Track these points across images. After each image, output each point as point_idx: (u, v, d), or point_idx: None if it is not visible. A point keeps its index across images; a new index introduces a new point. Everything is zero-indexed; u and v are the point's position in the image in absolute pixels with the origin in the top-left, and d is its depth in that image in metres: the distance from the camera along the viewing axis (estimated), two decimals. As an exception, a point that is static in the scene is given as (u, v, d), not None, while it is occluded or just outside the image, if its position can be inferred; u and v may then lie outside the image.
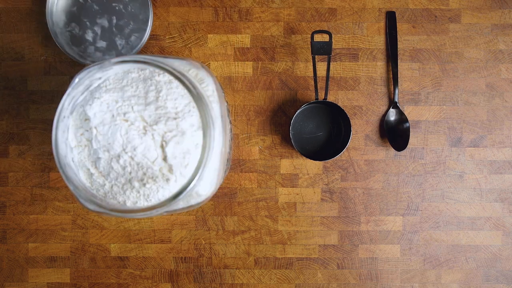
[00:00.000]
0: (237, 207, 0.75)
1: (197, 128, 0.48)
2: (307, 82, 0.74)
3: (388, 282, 0.75)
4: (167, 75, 0.49)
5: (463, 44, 0.74)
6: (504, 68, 0.74)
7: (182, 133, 0.48)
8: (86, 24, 0.70)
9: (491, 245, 0.75)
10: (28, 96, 0.74)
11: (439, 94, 0.74)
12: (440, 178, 0.74)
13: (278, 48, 0.74)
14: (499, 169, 0.74)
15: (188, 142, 0.48)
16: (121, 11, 0.70)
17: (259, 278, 0.75)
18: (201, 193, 0.50)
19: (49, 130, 0.74)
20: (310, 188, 0.74)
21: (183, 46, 0.74)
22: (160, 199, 0.48)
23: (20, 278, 0.75)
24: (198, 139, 0.48)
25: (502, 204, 0.75)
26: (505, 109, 0.74)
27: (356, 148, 0.74)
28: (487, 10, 0.74)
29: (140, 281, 0.75)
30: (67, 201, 0.74)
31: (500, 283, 0.75)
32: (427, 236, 0.75)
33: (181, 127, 0.48)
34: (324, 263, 0.75)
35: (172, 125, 0.48)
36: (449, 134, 0.74)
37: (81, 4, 0.70)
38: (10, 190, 0.74)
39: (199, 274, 0.75)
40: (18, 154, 0.74)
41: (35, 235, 0.74)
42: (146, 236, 0.74)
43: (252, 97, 0.74)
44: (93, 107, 0.48)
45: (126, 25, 0.70)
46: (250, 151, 0.74)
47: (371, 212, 0.75)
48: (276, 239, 0.75)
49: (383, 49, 0.74)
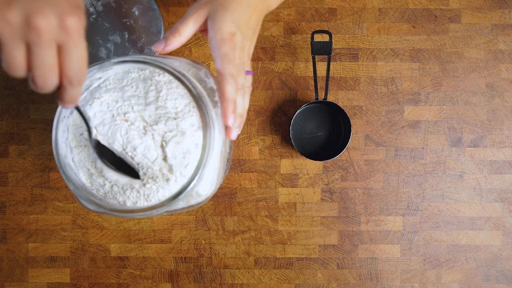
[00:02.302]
0: (237, 207, 0.75)
1: (197, 128, 0.48)
2: (307, 82, 0.74)
3: (388, 282, 0.75)
4: (167, 75, 0.49)
5: (463, 44, 0.74)
6: (504, 68, 0.74)
7: (182, 133, 0.48)
8: (99, 42, 0.71)
9: (491, 245, 0.75)
10: (28, 96, 0.74)
11: (439, 94, 0.74)
12: (440, 178, 0.74)
13: (278, 48, 0.74)
14: (499, 169, 0.74)
15: (188, 142, 0.48)
16: (132, 25, 0.70)
17: (259, 278, 0.75)
18: (201, 193, 0.50)
19: (49, 130, 0.74)
20: (310, 188, 0.74)
21: (183, 46, 0.74)
22: (160, 199, 0.48)
23: (20, 278, 0.75)
24: (198, 139, 0.48)
25: (502, 204, 0.75)
26: (505, 109, 0.74)
27: (356, 148, 0.74)
28: (487, 10, 0.74)
29: (140, 281, 0.75)
30: (67, 201, 0.74)
31: (500, 283, 0.75)
32: (427, 236, 0.75)
33: (181, 127, 0.48)
34: (324, 263, 0.75)
35: (172, 125, 0.48)
36: (449, 134, 0.74)
37: (92, 23, 0.71)
38: (10, 190, 0.74)
39: (199, 274, 0.75)
40: (18, 154, 0.74)
41: (35, 235, 0.74)
42: (146, 236, 0.74)
43: (252, 97, 0.74)
44: (93, 107, 0.48)
45: (139, 39, 0.70)
46: (250, 151, 0.74)
47: (371, 212, 0.75)
48: (276, 239, 0.75)
49: (383, 49, 0.74)
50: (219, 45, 0.47)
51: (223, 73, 0.47)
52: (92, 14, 0.72)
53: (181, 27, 0.49)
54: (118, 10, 0.71)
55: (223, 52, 0.47)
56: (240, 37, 0.49)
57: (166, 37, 0.49)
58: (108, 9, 0.72)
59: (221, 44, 0.47)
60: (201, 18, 0.49)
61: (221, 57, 0.47)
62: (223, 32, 0.47)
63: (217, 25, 0.47)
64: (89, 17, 0.72)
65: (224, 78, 0.47)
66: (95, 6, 0.72)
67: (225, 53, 0.47)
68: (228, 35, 0.47)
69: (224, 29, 0.47)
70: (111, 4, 0.72)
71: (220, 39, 0.47)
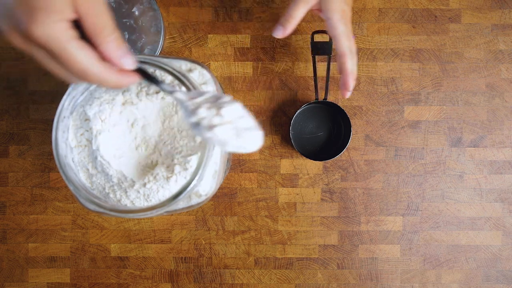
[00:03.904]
0: (237, 207, 0.75)
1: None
2: (307, 82, 0.74)
3: (388, 282, 0.75)
4: (168, 75, 0.49)
5: (463, 44, 0.74)
6: (504, 68, 0.74)
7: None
8: None
9: (491, 245, 0.75)
10: (28, 96, 0.74)
11: (439, 94, 0.74)
12: (440, 178, 0.74)
13: (278, 48, 0.74)
14: (499, 169, 0.74)
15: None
16: (132, 26, 0.71)
17: (259, 278, 0.75)
18: (201, 193, 0.50)
19: (49, 130, 0.74)
20: (310, 188, 0.74)
21: (183, 46, 0.74)
22: (160, 199, 0.48)
23: (20, 278, 0.75)
24: (198, 139, 0.48)
25: (502, 204, 0.75)
26: (505, 109, 0.74)
27: (356, 148, 0.74)
28: (487, 10, 0.74)
29: (140, 281, 0.75)
30: (67, 201, 0.74)
31: (500, 283, 0.75)
32: (427, 236, 0.75)
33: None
34: (324, 263, 0.75)
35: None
36: (449, 134, 0.74)
37: None
38: (10, 190, 0.74)
39: (199, 274, 0.75)
40: (18, 154, 0.74)
41: (35, 235, 0.74)
42: (146, 236, 0.74)
43: (252, 97, 0.74)
44: (93, 107, 0.48)
45: (139, 39, 0.70)
46: (250, 151, 0.74)
47: (371, 212, 0.75)
48: (276, 239, 0.75)
49: (383, 49, 0.74)
50: (336, 25, 0.55)
51: (343, 50, 0.56)
52: (92, 14, 0.72)
53: (293, 12, 0.56)
54: (118, 10, 0.71)
55: (341, 31, 0.55)
56: (348, 11, 0.55)
57: (282, 24, 0.57)
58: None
59: (338, 24, 0.55)
60: (311, 3, 0.55)
61: (339, 35, 0.55)
62: (338, 11, 0.54)
63: (332, 5, 0.54)
64: None
65: (345, 55, 0.56)
66: (95, 6, 0.72)
67: (342, 32, 0.55)
68: (342, 13, 0.55)
69: (339, 8, 0.54)
70: (111, 4, 0.72)
71: (337, 19, 0.54)
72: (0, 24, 0.31)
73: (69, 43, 0.32)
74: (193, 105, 0.38)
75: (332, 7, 0.54)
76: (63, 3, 0.31)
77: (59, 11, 0.31)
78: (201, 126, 0.37)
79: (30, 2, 0.30)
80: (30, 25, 0.30)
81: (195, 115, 0.38)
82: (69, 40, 0.32)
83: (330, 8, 0.54)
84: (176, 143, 0.47)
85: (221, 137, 0.38)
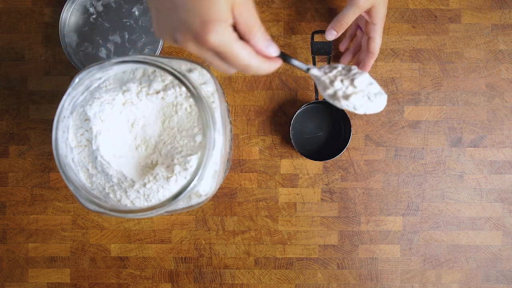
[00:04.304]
0: (237, 207, 0.75)
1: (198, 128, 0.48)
2: (307, 82, 0.74)
3: (388, 282, 0.75)
4: (168, 75, 0.49)
5: (463, 44, 0.74)
6: (504, 68, 0.74)
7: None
8: (99, 42, 0.71)
9: (491, 245, 0.75)
10: (28, 96, 0.74)
11: (439, 94, 0.74)
12: (440, 178, 0.74)
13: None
14: (499, 169, 0.74)
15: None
16: (132, 26, 0.71)
17: (259, 278, 0.75)
18: (201, 193, 0.50)
19: (49, 130, 0.74)
20: (310, 188, 0.74)
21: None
22: (160, 199, 0.48)
23: (20, 278, 0.75)
24: (198, 139, 0.48)
25: (502, 204, 0.75)
26: (505, 109, 0.74)
27: (356, 148, 0.74)
28: (487, 10, 0.74)
29: (140, 281, 0.75)
30: (67, 201, 0.74)
31: (500, 283, 0.75)
32: (427, 236, 0.75)
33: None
34: (324, 263, 0.75)
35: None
36: (449, 134, 0.74)
37: (92, 23, 0.71)
38: (10, 190, 0.74)
39: (199, 274, 0.75)
40: (18, 154, 0.74)
41: (35, 235, 0.74)
42: (146, 236, 0.74)
43: (252, 97, 0.74)
44: (93, 107, 0.48)
45: (139, 39, 0.70)
46: (250, 151, 0.74)
47: (371, 212, 0.75)
48: (276, 239, 0.75)
49: (383, 49, 0.74)
50: (380, 31, 0.63)
51: (376, 50, 0.65)
52: (92, 14, 0.72)
53: (345, 18, 0.62)
54: (118, 10, 0.71)
55: (379, 34, 0.64)
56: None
57: (335, 29, 0.64)
58: (108, 9, 0.72)
59: (381, 29, 0.63)
60: (363, 9, 0.61)
61: (378, 39, 0.64)
62: (383, 19, 0.63)
63: (382, 14, 0.62)
64: (89, 17, 0.72)
65: (375, 55, 0.65)
66: (95, 6, 0.72)
67: (380, 35, 0.64)
68: (384, 19, 0.63)
69: (384, 16, 0.63)
70: (111, 4, 0.72)
71: (381, 26, 0.63)
72: (176, 36, 0.38)
73: (235, 44, 0.38)
74: (328, 78, 0.44)
75: (382, 15, 0.62)
76: (226, 12, 0.36)
77: (225, 20, 0.37)
78: (338, 96, 0.44)
79: (203, 16, 0.36)
80: (205, 35, 0.36)
81: (331, 88, 0.44)
82: (234, 42, 0.38)
83: (381, 16, 0.62)
84: (176, 143, 0.47)
85: (356, 103, 0.44)
